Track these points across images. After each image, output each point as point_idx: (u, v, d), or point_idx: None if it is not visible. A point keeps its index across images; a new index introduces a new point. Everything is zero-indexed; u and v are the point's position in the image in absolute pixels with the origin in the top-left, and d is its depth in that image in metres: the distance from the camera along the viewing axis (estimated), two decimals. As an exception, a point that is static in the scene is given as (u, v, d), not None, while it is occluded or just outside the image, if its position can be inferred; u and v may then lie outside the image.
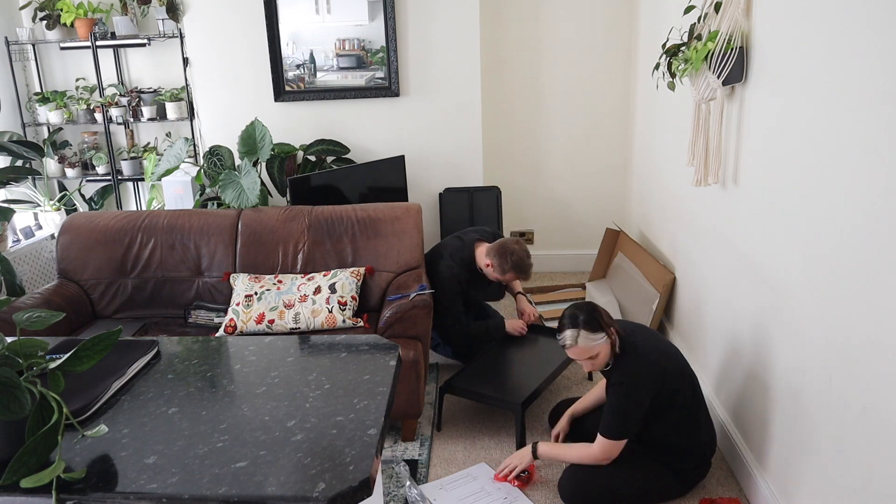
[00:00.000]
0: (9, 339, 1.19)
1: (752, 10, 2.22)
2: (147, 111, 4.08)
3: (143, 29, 4.10)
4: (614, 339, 2.16)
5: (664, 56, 2.71)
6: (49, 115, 4.11)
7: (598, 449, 2.19)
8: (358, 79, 3.96)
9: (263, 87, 4.00)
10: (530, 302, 2.97)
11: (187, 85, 4.12)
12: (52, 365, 1.14)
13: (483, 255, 2.99)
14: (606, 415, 2.17)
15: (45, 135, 4.27)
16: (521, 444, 2.58)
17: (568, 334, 2.15)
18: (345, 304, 2.77)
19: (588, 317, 2.14)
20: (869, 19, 1.53)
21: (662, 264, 3.33)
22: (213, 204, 3.70)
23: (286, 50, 3.93)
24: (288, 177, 3.56)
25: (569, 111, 4.32)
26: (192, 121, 4.15)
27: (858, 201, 1.58)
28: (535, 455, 2.35)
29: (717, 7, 2.30)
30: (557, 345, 2.91)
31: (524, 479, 2.42)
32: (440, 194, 4.07)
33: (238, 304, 2.79)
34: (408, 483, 2.35)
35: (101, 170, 4.20)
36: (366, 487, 1.10)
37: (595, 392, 2.56)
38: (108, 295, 3.04)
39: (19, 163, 3.48)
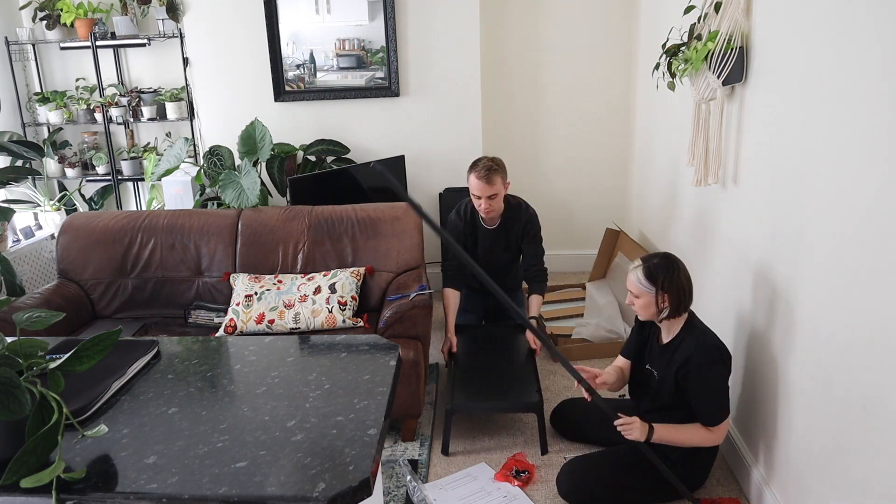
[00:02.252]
0: (9, 339, 1.18)
1: (752, 10, 2.22)
2: (147, 111, 4.08)
3: (143, 29, 4.10)
4: (662, 305, 2.13)
5: (664, 56, 2.71)
6: (49, 115, 4.11)
7: (712, 436, 2.16)
8: (358, 79, 3.96)
9: (263, 87, 4.00)
10: (536, 331, 2.57)
11: (187, 85, 4.12)
12: (52, 365, 1.14)
13: None
14: (707, 403, 2.13)
15: (45, 135, 4.27)
16: (544, 445, 2.58)
17: (634, 262, 2.19)
18: (345, 304, 2.77)
19: (656, 264, 2.13)
20: (869, 19, 1.52)
21: (662, 264, 3.33)
22: (213, 204, 3.70)
23: (286, 50, 3.93)
24: (288, 177, 3.56)
25: (569, 111, 4.32)
26: (192, 121, 4.15)
27: (858, 201, 1.58)
28: (649, 438, 2.17)
29: (717, 7, 2.30)
30: (517, 336, 3.05)
31: (524, 480, 2.42)
32: (440, 194, 4.07)
33: (238, 304, 2.79)
34: (408, 478, 2.35)
35: (101, 170, 4.20)
36: (366, 487, 1.10)
37: (616, 367, 2.46)
38: (108, 295, 3.04)
39: (19, 163, 3.48)
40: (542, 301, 3.08)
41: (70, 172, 4.19)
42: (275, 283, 2.85)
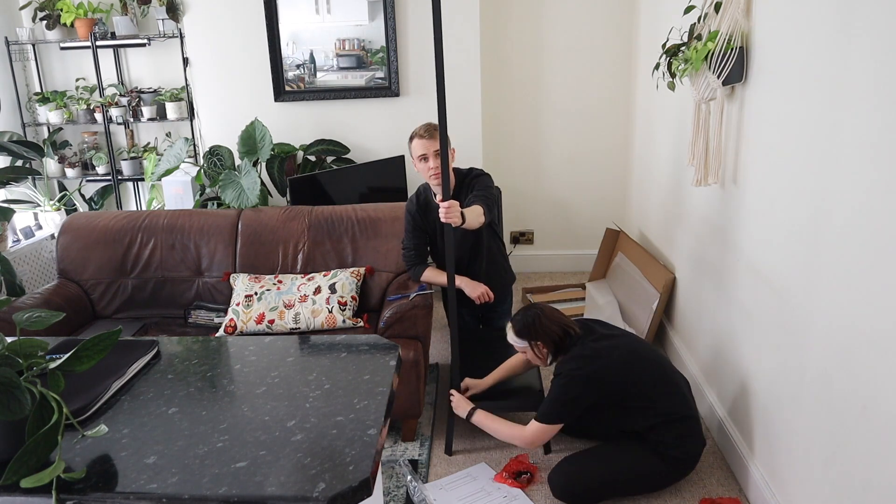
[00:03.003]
0: (9, 339, 1.18)
1: (752, 10, 2.22)
2: (147, 111, 4.08)
3: (143, 29, 4.10)
4: (538, 351, 2.31)
5: (664, 56, 2.71)
6: (49, 115, 4.11)
7: (530, 431, 2.28)
8: (358, 79, 3.96)
9: (263, 87, 4.00)
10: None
11: (187, 85, 4.12)
12: (52, 365, 1.14)
13: None
14: (544, 402, 2.28)
15: (45, 135, 4.27)
16: (547, 444, 2.59)
17: (507, 327, 2.37)
18: (345, 304, 2.77)
19: (520, 322, 2.32)
20: (869, 19, 1.52)
21: (662, 264, 3.33)
22: (213, 204, 3.70)
23: (286, 50, 3.93)
24: (288, 177, 3.56)
25: (569, 111, 4.32)
26: (192, 121, 4.15)
27: (858, 201, 1.58)
28: (468, 418, 2.43)
29: (717, 7, 2.30)
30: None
31: (524, 480, 2.42)
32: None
33: (238, 304, 2.79)
34: (409, 478, 2.35)
35: (101, 170, 4.20)
36: (366, 487, 1.10)
37: (505, 366, 2.64)
38: (108, 295, 3.04)
39: (19, 163, 3.48)
40: (479, 210, 2.62)
41: (70, 172, 4.19)
42: (275, 284, 2.85)
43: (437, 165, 2.69)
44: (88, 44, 3.98)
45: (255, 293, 2.80)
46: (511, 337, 2.34)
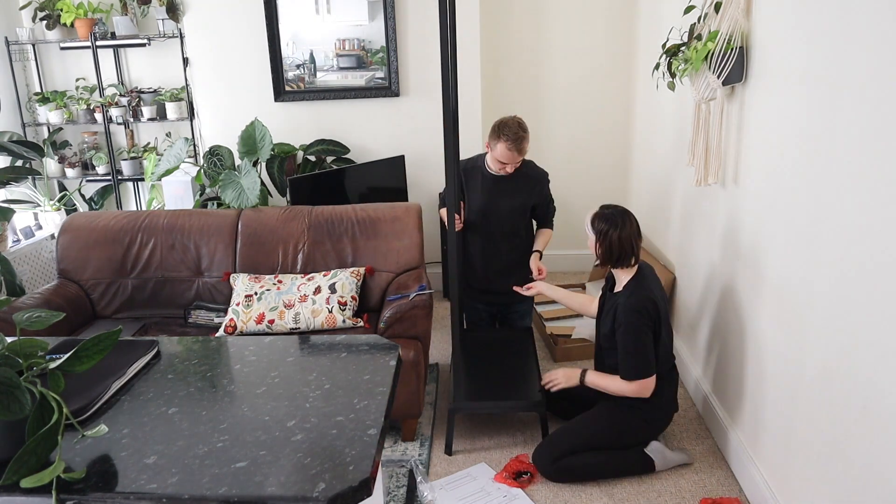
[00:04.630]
0: (9, 339, 1.18)
1: (752, 10, 2.22)
2: (147, 111, 4.08)
3: (143, 29, 4.10)
4: (597, 247, 2.37)
5: (664, 56, 2.71)
6: (49, 115, 4.11)
7: (632, 389, 2.33)
8: (358, 79, 3.96)
9: (263, 87, 4.00)
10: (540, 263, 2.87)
11: (187, 85, 4.12)
12: (52, 365, 1.14)
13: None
14: (623, 358, 2.32)
15: (45, 135, 4.27)
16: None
17: (589, 214, 2.42)
18: (345, 304, 2.77)
19: (606, 214, 2.36)
20: (869, 19, 1.52)
21: (662, 264, 3.33)
22: (213, 204, 3.70)
23: (286, 50, 3.93)
24: (288, 177, 3.56)
25: (569, 111, 4.32)
26: (192, 121, 4.15)
27: (858, 201, 1.58)
28: (582, 380, 2.46)
29: (717, 7, 2.30)
30: (520, 337, 3.05)
31: (525, 481, 2.42)
32: (440, 194, 4.07)
33: (238, 304, 2.79)
34: (419, 478, 2.34)
35: (101, 170, 4.20)
36: (366, 487, 1.10)
37: (577, 299, 2.75)
38: (108, 295, 3.04)
39: (19, 163, 3.48)
40: (550, 235, 3.05)
41: (70, 172, 4.19)
42: (275, 284, 2.85)
43: (511, 171, 2.86)
44: (88, 44, 3.98)
45: (255, 293, 2.80)
46: (588, 219, 2.41)
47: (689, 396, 2.96)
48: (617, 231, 2.31)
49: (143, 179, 4.25)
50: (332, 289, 2.79)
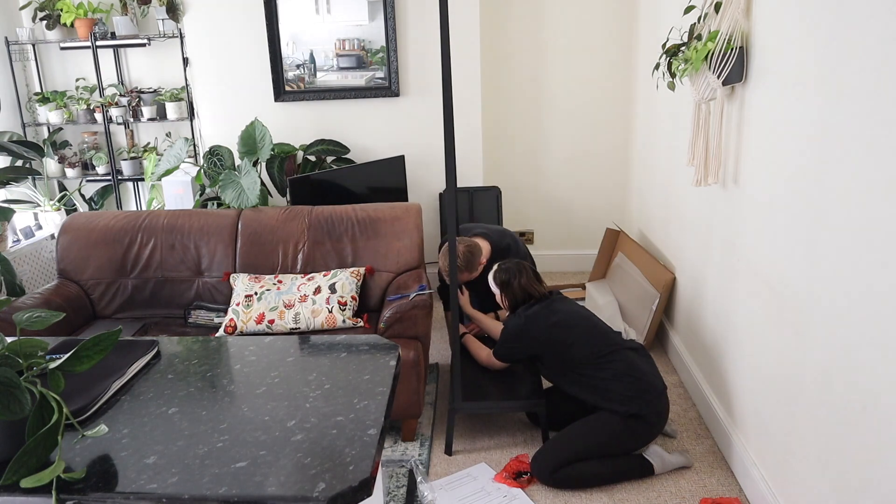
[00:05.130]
0: (9, 339, 1.19)
1: (752, 10, 2.22)
2: (147, 111, 4.08)
3: (143, 29, 4.10)
4: (502, 300, 2.67)
5: (664, 56, 2.71)
6: (49, 115, 4.11)
7: (487, 358, 2.74)
8: (358, 79, 3.96)
9: (263, 87, 4.00)
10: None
11: (187, 85, 4.12)
12: (52, 365, 1.14)
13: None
14: (498, 341, 2.67)
15: (45, 135, 4.27)
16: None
17: (492, 269, 2.73)
18: (345, 304, 2.77)
19: (501, 274, 2.66)
20: (869, 19, 1.53)
21: (662, 264, 3.33)
22: (213, 204, 3.70)
23: (286, 50, 3.93)
24: (288, 177, 3.56)
25: (569, 111, 4.32)
26: (192, 121, 4.15)
27: (858, 201, 1.58)
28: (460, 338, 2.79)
29: (717, 7, 2.30)
30: None
31: (524, 480, 2.42)
32: (440, 194, 4.07)
33: (238, 304, 2.79)
34: (420, 479, 2.34)
35: (101, 170, 4.20)
36: (366, 487, 1.10)
37: (488, 323, 2.97)
38: (108, 295, 3.04)
39: (19, 163, 3.48)
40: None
41: (70, 172, 4.19)
42: (275, 284, 2.85)
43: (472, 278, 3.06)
44: (88, 44, 3.98)
45: (255, 293, 2.80)
46: (489, 278, 2.71)
47: (689, 396, 2.96)
48: (517, 279, 2.62)
49: (143, 179, 4.26)
50: (332, 289, 2.79)
